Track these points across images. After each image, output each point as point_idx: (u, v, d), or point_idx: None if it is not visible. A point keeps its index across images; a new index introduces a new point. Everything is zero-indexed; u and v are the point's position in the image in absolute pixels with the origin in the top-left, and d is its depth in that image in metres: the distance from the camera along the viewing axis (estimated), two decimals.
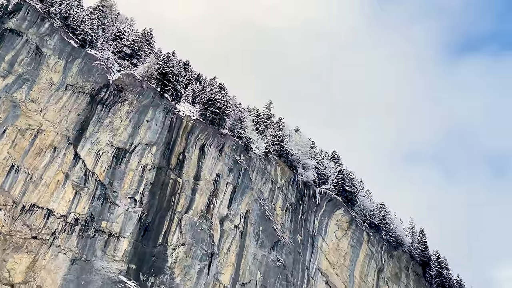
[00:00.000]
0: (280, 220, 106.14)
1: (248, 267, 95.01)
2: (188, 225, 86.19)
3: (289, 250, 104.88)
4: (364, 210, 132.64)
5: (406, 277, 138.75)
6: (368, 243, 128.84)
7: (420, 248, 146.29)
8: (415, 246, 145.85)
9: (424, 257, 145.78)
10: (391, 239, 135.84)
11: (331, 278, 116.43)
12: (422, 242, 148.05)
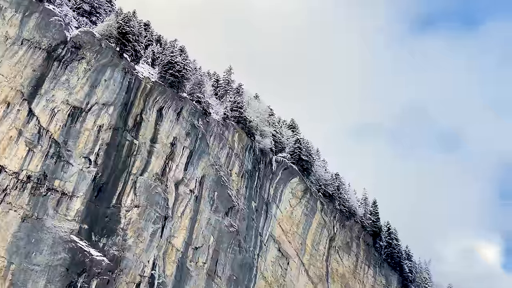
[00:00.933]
0: (236, 186, 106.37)
1: (201, 231, 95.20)
2: (143, 187, 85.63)
3: (243, 216, 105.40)
4: (319, 179, 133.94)
5: (356, 247, 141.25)
6: (322, 212, 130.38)
7: (371, 219, 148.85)
8: (367, 217, 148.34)
9: (375, 228, 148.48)
10: (344, 209, 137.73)
11: (284, 245, 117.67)
12: (374, 213, 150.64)
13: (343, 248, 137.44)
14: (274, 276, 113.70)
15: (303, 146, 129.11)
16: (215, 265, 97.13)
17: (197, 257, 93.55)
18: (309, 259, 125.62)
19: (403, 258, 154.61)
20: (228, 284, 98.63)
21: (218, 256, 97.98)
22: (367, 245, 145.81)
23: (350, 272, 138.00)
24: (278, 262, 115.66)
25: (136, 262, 79.83)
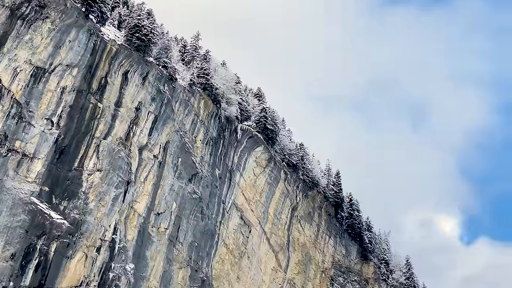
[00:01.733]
0: (200, 153, 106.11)
1: (164, 197, 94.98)
2: (106, 151, 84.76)
3: (206, 184, 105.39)
4: (284, 149, 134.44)
5: (318, 217, 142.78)
6: (285, 182, 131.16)
7: (334, 189, 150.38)
8: (330, 188, 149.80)
9: (337, 199, 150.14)
10: (307, 179, 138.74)
11: (246, 213, 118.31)
12: (337, 184, 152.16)
13: (305, 218, 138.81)
14: (235, 244, 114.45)
15: (269, 115, 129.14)
16: (177, 231, 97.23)
17: (159, 222, 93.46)
18: (271, 228, 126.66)
19: (363, 229, 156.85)
20: (189, 250, 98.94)
21: (180, 223, 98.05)
22: (328, 216, 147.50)
23: (311, 241, 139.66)
24: (240, 230, 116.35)
25: (97, 226, 79.38)
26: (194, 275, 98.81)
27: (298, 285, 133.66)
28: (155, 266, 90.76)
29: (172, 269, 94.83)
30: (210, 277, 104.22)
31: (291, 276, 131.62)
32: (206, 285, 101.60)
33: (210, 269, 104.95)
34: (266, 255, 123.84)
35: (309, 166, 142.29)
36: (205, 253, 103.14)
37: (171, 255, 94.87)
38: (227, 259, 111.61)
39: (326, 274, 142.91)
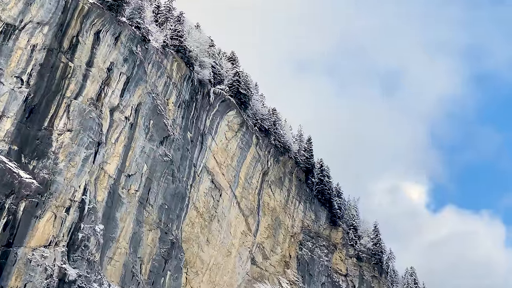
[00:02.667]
0: (172, 115, 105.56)
1: (135, 159, 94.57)
2: (77, 111, 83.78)
3: (178, 146, 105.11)
4: (256, 114, 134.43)
5: (289, 182, 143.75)
6: (257, 147, 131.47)
7: (305, 155, 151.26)
8: (301, 153, 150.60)
9: (308, 165, 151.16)
10: (279, 144, 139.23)
11: (217, 177, 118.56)
12: (308, 149, 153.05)
13: (275, 183, 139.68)
14: (206, 207, 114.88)
15: (242, 79, 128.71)
16: (147, 194, 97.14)
17: (129, 184, 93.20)
18: (242, 192, 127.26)
19: (333, 195, 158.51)
20: (159, 212, 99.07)
21: (150, 185, 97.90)
22: (299, 181, 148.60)
23: (281, 206, 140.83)
24: (210, 194, 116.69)
25: (67, 187, 78.87)
26: (163, 237, 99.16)
27: (267, 249, 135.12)
28: (125, 228, 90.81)
29: (142, 231, 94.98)
30: (179, 240, 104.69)
31: (260, 240, 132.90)
32: (175, 248, 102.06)
33: (180, 232, 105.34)
34: (236, 218, 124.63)
35: (281, 132, 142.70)
36: (175, 215, 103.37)
37: (141, 217, 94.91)
38: (197, 222, 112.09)
39: (295, 238, 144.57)
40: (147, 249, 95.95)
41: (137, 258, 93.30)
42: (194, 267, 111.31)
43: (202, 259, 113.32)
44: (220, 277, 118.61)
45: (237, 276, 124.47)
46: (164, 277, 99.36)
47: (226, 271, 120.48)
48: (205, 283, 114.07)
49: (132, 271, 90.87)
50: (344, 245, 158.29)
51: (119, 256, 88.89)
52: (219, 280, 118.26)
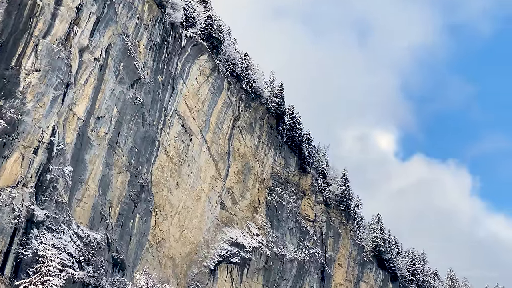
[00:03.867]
0: (143, 58, 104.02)
1: (104, 101, 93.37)
2: (45, 51, 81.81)
3: (148, 90, 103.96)
4: (228, 59, 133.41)
5: (260, 128, 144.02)
6: (228, 92, 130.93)
7: (277, 102, 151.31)
8: (272, 100, 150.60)
9: (279, 111, 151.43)
10: (250, 90, 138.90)
11: (188, 121, 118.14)
12: (280, 96, 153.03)
13: (246, 129, 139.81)
14: (176, 151, 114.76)
15: (215, 23, 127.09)
16: (117, 136, 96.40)
17: (99, 127, 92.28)
18: (212, 137, 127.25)
19: (303, 141, 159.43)
20: (129, 156, 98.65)
21: (120, 128, 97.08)
22: (270, 127, 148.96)
23: (251, 152, 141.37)
24: (181, 138, 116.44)
25: (35, 127, 77.68)
26: (133, 181, 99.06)
27: (237, 194, 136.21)
28: (94, 170, 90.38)
29: (111, 173, 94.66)
30: (149, 183, 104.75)
31: (230, 185, 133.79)
32: (145, 191, 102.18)
33: (149, 175, 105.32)
34: (206, 163, 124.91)
35: (252, 77, 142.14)
36: (145, 159, 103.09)
37: (111, 160, 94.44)
38: (167, 166, 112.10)
39: (264, 184, 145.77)
40: (116, 192, 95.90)
41: (106, 200, 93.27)
42: (164, 210, 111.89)
43: (172, 203, 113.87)
44: (189, 220, 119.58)
45: (206, 220, 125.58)
46: (133, 220, 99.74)
47: (195, 215, 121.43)
48: (174, 226, 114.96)
49: (101, 213, 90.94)
50: (313, 192, 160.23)
51: (88, 198, 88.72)
52: (188, 223, 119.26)
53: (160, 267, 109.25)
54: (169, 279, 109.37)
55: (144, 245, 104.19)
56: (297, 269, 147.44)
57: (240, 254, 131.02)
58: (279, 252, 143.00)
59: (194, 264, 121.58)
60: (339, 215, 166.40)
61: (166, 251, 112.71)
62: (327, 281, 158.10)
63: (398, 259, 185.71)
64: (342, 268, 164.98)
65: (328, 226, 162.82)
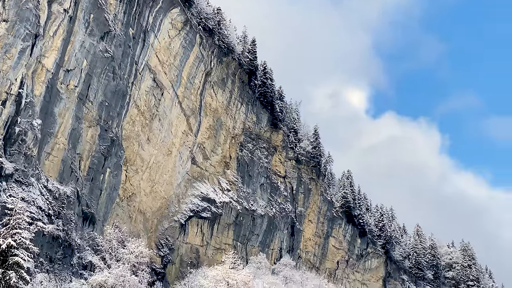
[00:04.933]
0: (113, 10, 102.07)
1: (74, 54, 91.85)
2: (13, 1, 79.73)
3: (119, 43, 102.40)
4: (201, 12, 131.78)
5: (231, 83, 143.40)
6: (200, 46, 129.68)
7: (249, 57, 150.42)
8: (245, 55, 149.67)
9: (252, 67, 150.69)
10: (223, 45, 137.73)
11: (159, 76, 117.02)
12: (252, 51, 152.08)
13: (218, 84, 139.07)
14: (147, 106, 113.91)
15: None
16: (87, 90, 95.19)
17: (68, 79, 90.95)
18: (184, 92, 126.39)
19: (275, 98, 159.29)
20: (99, 109, 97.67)
21: (90, 81, 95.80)
22: (242, 83, 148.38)
23: (223, 107, 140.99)
24: (152, 92, 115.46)
25: (3, 79, 76.33)
26: (103, 135, 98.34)
27: (208, 149, 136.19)
28: (64, 124, 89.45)
29: (81, 127, 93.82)
30: (120, 137, 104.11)
31: (201, 140, 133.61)
32: (115, 145, 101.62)
33: (120, 130, 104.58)
34: (178, 118, 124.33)
35: (225, 32, 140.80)
36: (116, 113, 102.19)
37: (81, 113, 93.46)
38: (138, 120, 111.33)
39: (236, 140, 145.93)
40: (87, 146, 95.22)
41: (76, 154, 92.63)
42: (134, 165, 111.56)
43: (142, 157, 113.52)
44: (160, 175, 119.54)
45: (177, 175, 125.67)
46: (103, 174, 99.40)
47: (166, 170, 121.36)
48: (144, 181, 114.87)
49: (71, 167, 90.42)
50: (284, 148, 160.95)
51: (58, 151, 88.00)
52: (159, 178, 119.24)
53: (130, 221, 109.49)
54: (140, 233, 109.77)
55: (114, 199, 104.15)
56: (267, 224, 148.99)
57: (210, 209, 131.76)
58: (250, 207, 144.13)
59: (165, 219, 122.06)
60: (309, 171, 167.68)
61: (137, 206, 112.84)
62: (297, 236, 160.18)
63: (367, 215, 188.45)
64: (312, 223, 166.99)
65: (298, 182, 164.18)
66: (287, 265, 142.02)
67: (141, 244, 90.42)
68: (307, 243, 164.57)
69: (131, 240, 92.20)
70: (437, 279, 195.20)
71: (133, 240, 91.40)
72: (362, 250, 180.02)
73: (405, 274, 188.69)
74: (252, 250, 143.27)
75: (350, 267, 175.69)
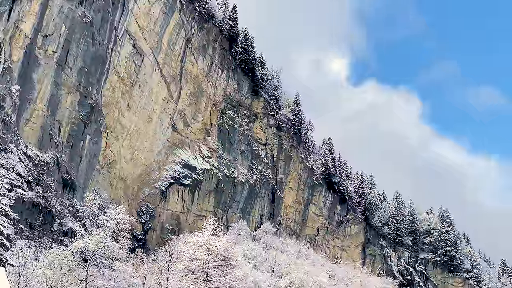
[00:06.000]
0: None
1: (52, 19, 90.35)
2: None
3: (98, 8, 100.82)
4: None
5: (212, 50, 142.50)
6: (180, 12, 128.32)
7: (230, 23, 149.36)
8: (226, 22, 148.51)
9: (232, 33, 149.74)
10: (203, 11, 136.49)
11: (139, 42, 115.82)
12: (233, 18, 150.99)
13: (199, 50, 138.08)
14: (127, 72, 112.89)
15: None
16: (66, 56, 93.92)
17: (46, 45, 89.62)
18: (164, 58, 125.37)
19: (256, 65, 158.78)
20: (78, 75, 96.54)
21: (69, 47, 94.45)
22: (223, 50, 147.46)
23: (204, 74, 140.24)
24: (132, 59, 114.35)
25: None
26: (83, 101, 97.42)
27: (189, 116, 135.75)
28: (42, 90, 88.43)
29: (61, 93, 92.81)
30: (100, 104, 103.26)
31: (182, 107, 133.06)
32: (95, 112, 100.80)
33: (100, 96, 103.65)
34: (158, 85, 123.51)
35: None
36: (95, 79, 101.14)
37: (60, 79, 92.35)
38: (118, 87, 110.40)
39: (216, 107, 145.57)
40: (66, 112, 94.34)
41: (55, 120, 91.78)
42: (115, 132, 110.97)
43: (123, 124, 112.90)
44: (141, 142, 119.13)
45: (158, 142, 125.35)
46: (83, 141, 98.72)
47: (146, 137, 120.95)
48: (125, 148, 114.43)
49: (50, 134, 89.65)
50: (265, 115, 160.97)
51: (37, 118, 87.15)
52: (140, 145, 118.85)
53: (111, 188, 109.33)
54: (120, 200, 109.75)
55: (94, 166, 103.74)
56: (248, 191, 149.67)
57: (191, 176, 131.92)
58: (231, 175, 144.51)
59: (146, 186, 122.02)
60: (290, 138, 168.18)
61: (117, 173, 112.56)
62: (277, 203, 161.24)
63: (347, 182, 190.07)
64: (292, 190, 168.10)
65: (279, 149, 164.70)
66: (268, 231, 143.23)
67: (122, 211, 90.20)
68: (287, 210, 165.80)
69: (112, 207, 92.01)
70: (416, 244, 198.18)
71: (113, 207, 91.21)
72: (342, 216, 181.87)
73: (384, 240, 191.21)
74: (232, 217, 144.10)
75: (330, 233, 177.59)
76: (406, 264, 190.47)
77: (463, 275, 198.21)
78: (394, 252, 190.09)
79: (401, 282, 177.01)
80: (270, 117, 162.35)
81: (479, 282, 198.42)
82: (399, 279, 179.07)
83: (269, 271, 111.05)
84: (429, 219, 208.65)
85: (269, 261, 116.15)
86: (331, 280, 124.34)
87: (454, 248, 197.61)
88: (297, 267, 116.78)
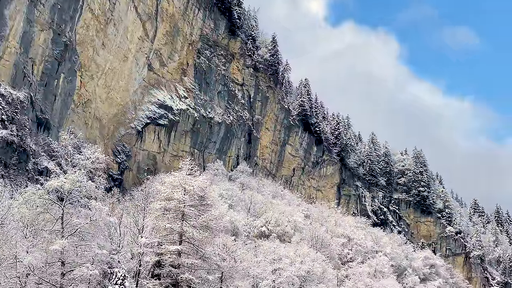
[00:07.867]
0: None
1: None
2: None
3: None
4: None
5: None
6: None
7: None
8: None
9: None
10: None
11: None
12: None
13: None
14: (101, 10, 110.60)
15: None
16: None
17: None
18: None
19: (233, 4, 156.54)
20: (51, 12, 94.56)
21: None
22: None
23: (180, 13, 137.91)
24: None
25: None
26: (56, 39, 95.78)
27: (165, 56, 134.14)
28: (15, 26, 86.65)
29: (33, 30, 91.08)
30: (74, 42, 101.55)
31: (158, 47, 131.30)
32: (69, 50, 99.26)
33: (74, 34, 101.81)
34: (133, 23, 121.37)
35: None
36: (69, 16, 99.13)
37: (32, 16, 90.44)
38: (92, 24, 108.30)
39: (193, 46, 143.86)
40: (39, 50, 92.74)
41: (29, 58, 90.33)
42: (89, 70, 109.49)
43: (98, 63, 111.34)
44: (116, 81, 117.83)
45: (134, 81, 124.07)
46: (57, 79, 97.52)
47: (122, 76, 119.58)
48: (100, 87, 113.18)
49: (24, 72, 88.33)
50: (242, 55, 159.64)
51: (9, 55, 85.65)
52: (115, 84, 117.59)
53: (86, 128, 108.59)
54: (96, 139, 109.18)
55: (69, 105, 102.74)
56: (225, 132, 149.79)
57: (168, 116, 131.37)
58: (207, 115, 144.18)
59: (121, 126, 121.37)
60: (267, 79, 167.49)
61: (93, 112, 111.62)
62: (254, 143, 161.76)
63: (323, 123, 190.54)
64: (269, 131, 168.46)
65: (256, 90, 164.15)
66: (244, 172, 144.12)
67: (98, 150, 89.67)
68: (263, 150, 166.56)
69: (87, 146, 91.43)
70: (390, 185, 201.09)
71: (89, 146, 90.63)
72: (318, 157, 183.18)
73: (359, 180, 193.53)
74: (209, 157, 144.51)
75: (305, 174, 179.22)
76: (380, 204, 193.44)
77: (435, 214, 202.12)
78: (369, 192, 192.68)
79: (374, 222, 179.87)
80: (247, 58, 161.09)
81: (450, 221, 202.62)
82: (373, 219, 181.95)
83: (245, 211, 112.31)
84: (404, 160, 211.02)
85: (245, 201, 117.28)
86: (306, 220, 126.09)
87: (427, 189, 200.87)
88: (272, 207, 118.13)
